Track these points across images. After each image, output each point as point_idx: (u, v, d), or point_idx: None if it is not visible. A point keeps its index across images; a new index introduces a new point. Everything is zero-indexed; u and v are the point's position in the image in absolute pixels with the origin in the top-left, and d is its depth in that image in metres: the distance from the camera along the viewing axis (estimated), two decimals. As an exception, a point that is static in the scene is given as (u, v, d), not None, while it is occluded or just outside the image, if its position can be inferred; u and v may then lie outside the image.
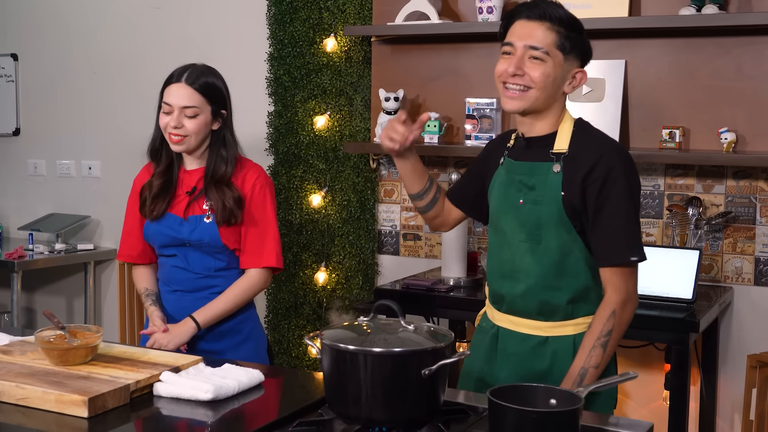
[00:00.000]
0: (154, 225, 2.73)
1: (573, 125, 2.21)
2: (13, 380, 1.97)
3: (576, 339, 2.20)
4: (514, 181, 2.23)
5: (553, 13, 2.16)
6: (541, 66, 2.14)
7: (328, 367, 1.87)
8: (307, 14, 4.18)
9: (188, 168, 2.76)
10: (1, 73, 5.18)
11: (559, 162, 2.16)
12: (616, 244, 2.12)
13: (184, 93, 2.65)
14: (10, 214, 5.23)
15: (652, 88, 3.56)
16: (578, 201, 2.13)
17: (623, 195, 2.12)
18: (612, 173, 2.12)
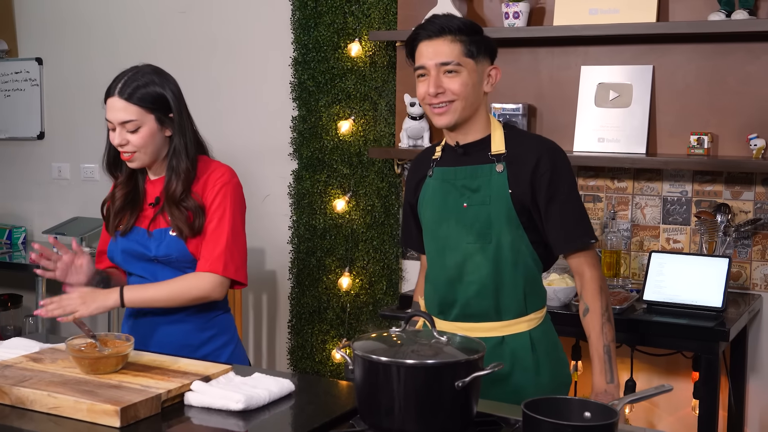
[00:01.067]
0: (122, 241, 2.54)
1: (503, 128, 2.31)
2: (44, 389, 1.97)
3: (531, 334, 2.30)
4: (455, 186, 2.31)
5: (450, 25, 2.24)
6: (458, 77, 2.23)
7: (360, 378, 1.86)
8: (331, 19, 4.17)
9: (152, 178, 2.58)
10: (25, 77, 5.20)
11: (500, 162, 2.26)
12: (575, 230, 2.26)
13: (119, 107, 2.43)
14: (34, 217, 5.25)
15: (680, 94, 3.54)
16: (527, 196, 2.24)
17: (570, 185, 2.27)
18: (557, 165, 2.26)
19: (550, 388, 2.29)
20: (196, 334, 2.56)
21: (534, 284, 2.32)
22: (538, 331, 2.32)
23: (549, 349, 2.34)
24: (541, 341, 2.32)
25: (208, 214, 2.50)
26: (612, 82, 3.61)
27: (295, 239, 4.37)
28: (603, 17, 3.56)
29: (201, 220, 2.49)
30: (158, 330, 2.54)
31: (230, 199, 2.52)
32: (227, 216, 2.50)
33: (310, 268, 4.35)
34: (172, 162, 2.49)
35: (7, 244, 4.98)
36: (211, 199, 2.50)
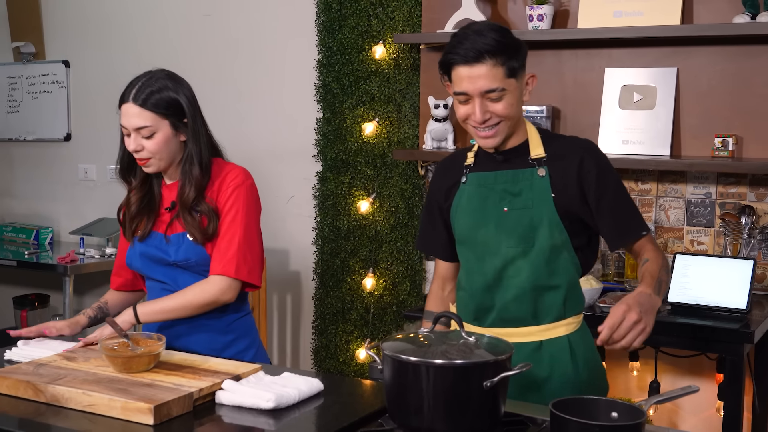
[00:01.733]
0: (140, 246, 2.54)
1: (538, 132, 2.28)
2: (79, 387, 2.00)
3: (570, 338, 2.27)
4: (495, 191, 2.27)
5: (487, 48, 2.12)
6: (503, 100, 2.16)
7: (389, 377, 1.88)
8: (355, 21, 4.20)
9: (168, 182, 2.57)
10: (53, 80, 5.26)
11: (542, 166, 2.24)
12: (629, 223, 2.25)
13: (134, 113, 2.42)
14: (61, 218, 5.31)
15: (705, 96, 3.54)
16: (574, 198, 2.22)
17: (616, 180, 2.26)
18: (600, 162, 2.25)
19: (588, 392, 2.20)
20: (218, 339, 2.56)
21: (573, 288, 2.28)
22: (577, 335, 2.28)
23: (587, 354, 2.30)
24: (579, 345, 2.28)
25: (222, 216, 2.49)
26: (636, 84, 3.62)
27: (320, 240, 4.40)
28: (627, 20, 3.57)
29: (215, 224, 2.47)
30: (180, 339, 2.54)
31: (243, 201, 2.50)
32: (240, 217, 2.48)
33: (334, 269, 4.37)
34: (186, 167, 2.48)
35: (35, 245, 5.04)
36: (224, 202, 2.49)
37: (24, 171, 5.47)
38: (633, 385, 3.70)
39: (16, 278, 5.35)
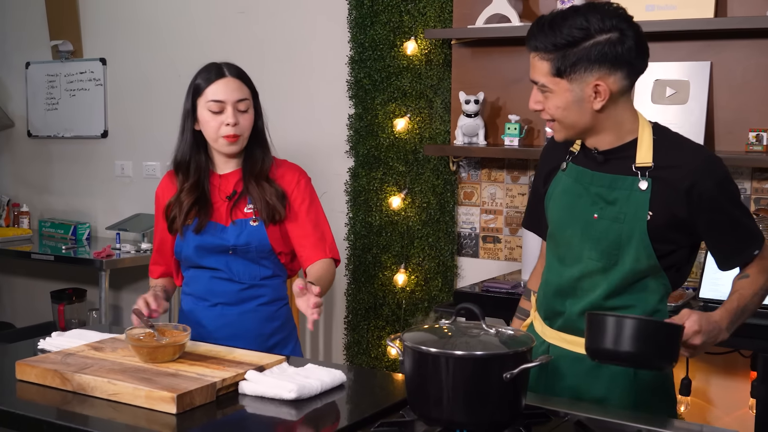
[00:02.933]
0: (194, 237, 2.58)
1: (652, 133, 2.04)
2: (105, 376, 2.03)
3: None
4: (589, 192, 2.08)
5: (540, 42, 1.98)
6: (550, 98, 2.01)
7: (410, 368, 1.88)
8: (387, 17, 4.21)
9: (222, 172, 2.62)
10: (90, 77, 5.33)
11: (645, 179, 2.01)
12: (739, 244, 2.04)
13: (235, 86, 2.53)
14: (98, 214, 5.38)
15: (739, 91, 3.50)
16: (674, 218, 1.99)
17: (732, 198, 2.02)
18: (719, 182, 1.99)
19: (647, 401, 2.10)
20: (268, 324, 2.63)
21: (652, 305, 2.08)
22: None
23: (654, 381, 2.10)
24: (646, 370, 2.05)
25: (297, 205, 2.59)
26: (669, 78, 3.58)
27: (352, 236, 4.41)
28: (659, 13, 3.53)
29: (281, 205, 2.55)
30: (233, 321, 2.60)
31: (313, 191, 2.65)
32: (318, 206, 2.64)
33: (366, 264, 4.38)
34: (256, 146, 2.59)
35: (72, 240, 5.11)
36: (296, 192, 2.60)
37: (62, 168, 5.55)
38: (665, 382, 3.66)
39: (54, 273, 5.43)
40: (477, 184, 4.15)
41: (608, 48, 1.95)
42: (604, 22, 1.95)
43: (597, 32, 1.95)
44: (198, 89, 2.54)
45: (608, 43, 1.95)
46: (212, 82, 2.51)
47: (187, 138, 2.59)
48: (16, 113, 5.71)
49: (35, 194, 5.66)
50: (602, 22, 1.95)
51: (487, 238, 4.15)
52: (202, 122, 2.54)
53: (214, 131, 2.52)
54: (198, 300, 2.65)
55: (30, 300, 5.63)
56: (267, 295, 2.62)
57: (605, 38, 1.95)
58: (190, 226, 2.57)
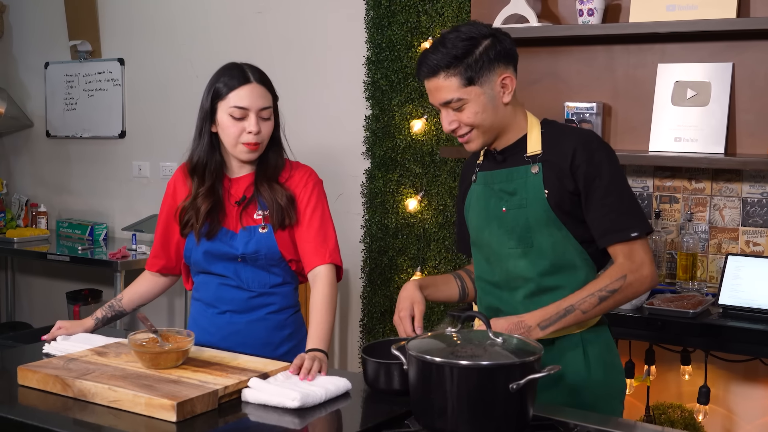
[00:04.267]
0: (205, 243, 2.52)
1: (540, 126, 2.23)
2: (106, 382, 2.00)
3: (583, 336, 2.22)
4: (494, 191, 2.24)
5: (441, 61, 2.12)
6: (465, 109, 2.14)
7: (414, 378, 1.84)
8: (405, 18, 4.16)
9: (234, 176, 2.56)
10: (108, 78, 5.32)
11: (536, 163, 2.19)
12: (614, 222, 2.14)
13: (260, 93, 2.45)
14: (115, 214, 5.38)
15: (761, 92, 3.42)
16: (569, 194, 2.15)
17: (611, 174, 2.15)
18: (594, 156, 2.15)
19: (604, 391, 2.24)
20: (277, 332, 2.58)
21: (585, 284, 2.18)
22: (591, 333, 2.24)
23: (603, 353, 2.25)
24: (593, 344, 2.23)
25: (304, 208, 2.52)
26: (690, 80, 3.52)
27: (368, 238, 4.37)
28: (680, 13, 3.47)
29: (291, 209, 2.50)
30: (241, 329, 2.55)
31: (324, 196, 2.57)
32: (327, 211, 2.56)
33: (382, 267, 4.34)
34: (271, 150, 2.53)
35: (89, 240, 5.11)
36: (305, 195, 2.53)
37: (80, 168, 5.55)
38: (685, 389, 3.59)
39: (70, 273, 5.44)
40: (494, 187, 4.09)
41: (497, 47, 2.15)
42: (478, 30, 2.16)
43: (480, 38, 2.14)
44: (220, 92, 2.45)
45: (493, 45, 2.14)
46: (236, 88, 2.43)
47: (204, 140, 2.51)
48: (35, 113, 5.72)
49: (53, 194, 5.67)
50: (477, 31, 2.15)
51: (504, 242, 4.09)
52: (222, 126, 2.46)
53: (234, 138, 2.44)
54: (207, 306, 2.60)
55: (47, 300, 5.64)
56: (277, 303, 2.56)
57: (489, 42, 2.14)
58: (203, 231, 2.52)
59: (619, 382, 2.32)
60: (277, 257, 2.52)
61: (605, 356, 2.26)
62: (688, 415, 3.42)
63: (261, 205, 2.52)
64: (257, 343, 2.51)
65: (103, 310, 2.65)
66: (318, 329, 2.38)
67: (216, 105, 2.47)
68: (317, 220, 2.52)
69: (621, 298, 2.15)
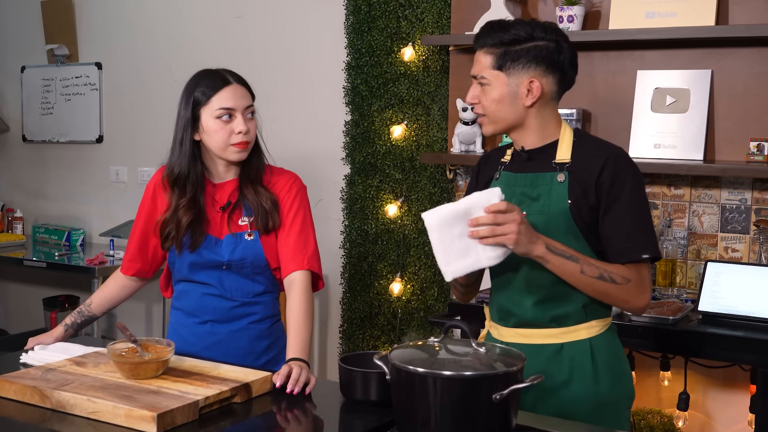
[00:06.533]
0: (190, 256, 2.49)
1: (573, 135, 2.23)
2: (85, 393, 1.98)
3: (592, 342, 2.21)
4: (516, 193, 2.23)
5: (489, 38, 2.18)
6: (487, 91, 2.20)
7: (396, 388, 1.83)
8: (385, 23, 4.15)
9: (218, 181, 2.53)
10: (85, 82, 5.28)
11: (563, 172, 2.19)
12: (629, 241, 2.15)
13: (242, 93, 2.46)
14: (92, 219, 5.33)
15: (740, 99, 3.44)
16: (588, 207, 2.16)
17: (633, 193, 2.16)
18: (620, 174, 2.16)
19: (610, 399, 2.22)
20: (259, 342, 2.56)
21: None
22: (600, 339, 2.23)
23: (610, 359, 2.24)
24: (602, 350, 2.22)
25: (287, 213, 2.50)
26: (669, 86, 3.53)
27: (347, 244, 4.36)
28: (660, 21, 3.48)
29: (275, 213, 2.48)
30: (222, 339, 2.53)
31: (307, 202, 2.56)
32: (309, 218, 2.54)
33: (361, 273, 4.33)
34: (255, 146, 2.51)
35: (66, 246, 5.06)
36: (288, 200, 2.51)
37: (57, 173, 5.50)
38: (664, 395, 3.61)
39: (46, 279, 5.39)
40: (474, 193, 4.09)
41: (546, 52, 2.17)
42: (545, 32, 2.18)
43: (538, 38, 2.17)
44: (200, 99, 2.43)
45: (546, 49, 2.17)
46: (219, 90, 2.42)
47: (185, 149, 2.46)
48: (11, 117, 5.67)
49: (30, 199, 5.62)
50: (544, 32, 2.18)
51: (484, 248, 4.08)
52: (209, 132, 2.43)
53: (224, 140, 2.42)
54: (187, 316, 2.57)
55: (23, 306, 5.58)
56: (259, 313, 2.54)
57: (544, 44, 2.17)
58: (185, 243, 2.49)
59: (628, 389, 2.30)
60: (262, 265, 2.49)
61: (613, 363, 2.25)
62: (667, 421, 3.44)
63: (246, 210, 2.50)
64: (239, 353, 2.49)
65: (72, 316, 2.62)
66: (297, 338, 2.37)
67: (198, 112, 2.44)
68: (298, 225, 2.50)
69: (613, 293, 2.14)
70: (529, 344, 2.20)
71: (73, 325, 2.60)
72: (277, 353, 2.56)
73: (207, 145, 2.47)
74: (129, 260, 2.64)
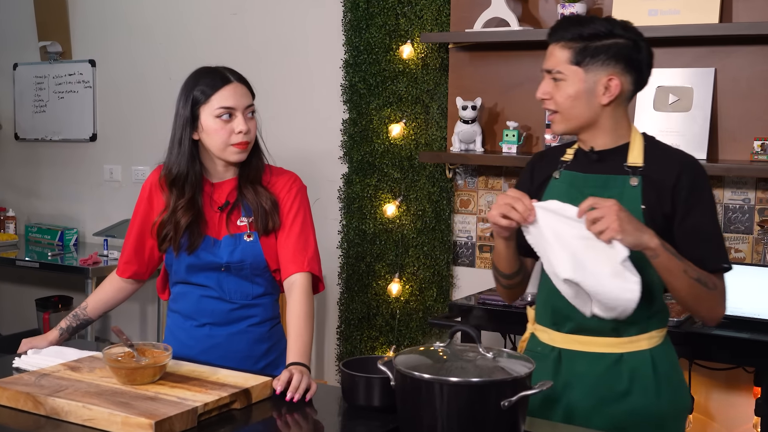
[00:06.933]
0: (187, 257, 2.43)
1: (643, 140, 2.17)
2: (80, 400, 1.92)
3: (653, 353, 2.14)
4: (583, 194, 2.11)
5: (568, 32, 2.11)
6: (561, 87, 2.12)
7: (401, 395, 1.79)
8: (383, 20, 4.10)
9: (217, 180, 2.47)
10: (79, 79, 5.22)
11: (636, 175, 2.12)
12: (708, 251, 2.09)
13: (243, 92, 2.40)
14: (85, 219, 5.27)
15: (744, 98, 3.40)
16: (662, 214, 2.09)
17: (709, 204, 2.12)
18: (697, 183, 2.11)
19: (670, 412, 2.17)
20: (258, 345, 2.51)
21: (658, 302, 2.15)
22: (659, 350, 2.16)
23: (670, 370, 2.18)
24: (662, 361, 2.16)
25: (287, 214, 2.45)
26: (672, 85, 3.48)
27: (345, 244, 4.31)
28: (663, 18, 3.44)
29: (275, 213, 2.43)
30: (221, 342, 2.47)
31: (308, 203, 2.51)
32: (309, 219, 2.49)
33: (359, 273, 4.28)
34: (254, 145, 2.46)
35: (59, 246, 5.00)
36: (288, 201, 2.46)
37: (50, 171, 5.44)
38: (666, 397, 3.56)
39: (40, 279, 5.32)
40: (474, 192, 4.05)
41: (626, 50, 2.10)
42: (624, 29, 2.12)
43: (618, 35, 2.10)
44: (200, 98, 2.38)
45: (626, 46, 2.10)
46: (219, 89, 2.37)
47: (184, 149, 2.40)
48: (4, 115, 5.60)
49: (22, 198, 5.55)
50: (623, 29, 2.12)
51: (483, 248, 4.05)
52: (209, 131, 2.37)
53: (224, 140, 2.37)
54: (185, 319, 2.51)
55: (16, 307, 5.52)
56: (259, 315, 2.48)
57: (624, 42, 2.10)
58: (184, 245, 2.43)
59: (686, 400, 2.26)
60: (262, 266, 2.44)
61: (672, 375, 2.19)
62: (670, 424, 3.39)
63: (245, 210, 2.45)
64: (238, 356, 2.44)
65: (68, 319, 2.56)
66: (298, 342, 2.31)
67: (197, 111, 2.39)
68: (298, 226, 2.45)
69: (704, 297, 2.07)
70: (585, 352, 2.15)
71: (69, 329, 2.54)
72: (276, 357, 2.51)
73: (206, 144, 2.41)
74: (125, 262, 2.58)
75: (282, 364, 2.46)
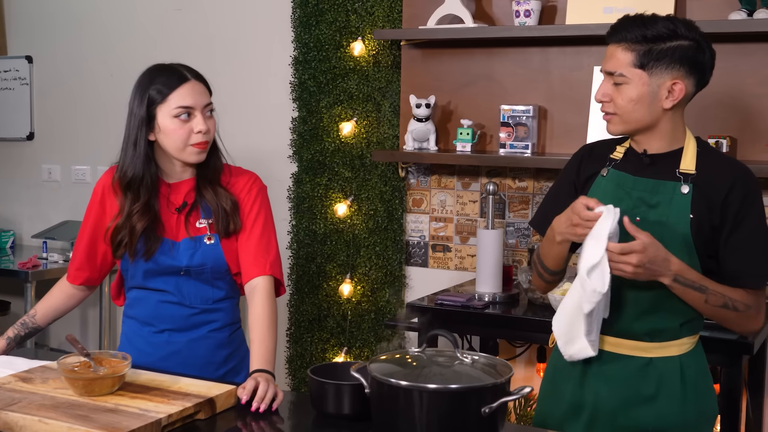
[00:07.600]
0: (145, 264, 2.34)
1: (696, 145, 2.13)
2: (35, 413, 1.82)
3: (682, 359, 2.13)
4: (631, 196, 2.12)
5: (631, 33, 2.07)
6: (623, 90, 2.08)
7: (377, 402, 1.72)
8: (333, 17, 4.03)
9: (174, 180, 2.38)
10: (15, 76, 5.05)
11: (687, 183, 2.07)
12: (753, 265, 2.08)
13: (201, 90, 2.33)
14: (23, 221, 5.10)
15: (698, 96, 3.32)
16: (711, 226, 2.06)
17: (760, 216, 2.09)
18: (750, 195, 2.08)
19: (695, 419, 2.16)
20: (219, 352, 2.43)
21: (694, 310, 2.11)
22: (689, 357, 2.15)
23: (698, 378, 2.17)
24: (691, 368, 2.14)
25: (247, 215, 2.37)
26: (626, 83, 3.47)
27: (295, 244, 4.23)
28: (617, 16, 3.34)
29: (236, 215, 2.35)
30: (181, 349, 2.38)
31: (268, 204, 2.45)
32: (270, 220, 2.43)
33: (309, 274, 4.20)
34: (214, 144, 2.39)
35: (-5, 249, 4.83)
36: (249, 202, 2.39)
37: (-15, 171, 5.25)
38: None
39: (-25, 284, 5.14)
40: (426, 191, 4.00)
41: (691, 52, 2.06)
42: (688, 30, 2.07)
43: (682, 36, 2.05)
44: (156, 97, 2.29)
45: (690, 48, 2.06)
46: (176, 88, 2.29)
47: (139, 151, 2.30)
48: (-65, 113, 5.39)
49: (-45, 199, 5.35)
50: (687, 30, 2.07)
51: (436, 247, 4.00)
52: (166, 132, 2.28)
53: (182, 140, 2.28)
54: (142, 325, 2.41)
55: (-50, 312, 5.32)
56: (219, 320, 2.41)
57: (688, 43, 2.05)
58: (140, 250, 2.33)
59: (713, 408, 2.23)
60: (223, 270, 2.36)
61: (700, 381, 2.18)
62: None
63: (204, 212, 2.36)
64: (198, 363, 2.35)
65: (15, 328, 2.45)
66: (262, 348, 2.24)
67: (154, 111, 2.29)
68: (259, 227, 2.37)
69: (731, 319, 2.09)
70: (615, 353, 2.14)
71: (16, 338, 2.43)
72: (237, 363, 2.43)
73: (163, 145, 2.32)
74: (76, 269, 2.48)
75: (243, 371, 2.38)
